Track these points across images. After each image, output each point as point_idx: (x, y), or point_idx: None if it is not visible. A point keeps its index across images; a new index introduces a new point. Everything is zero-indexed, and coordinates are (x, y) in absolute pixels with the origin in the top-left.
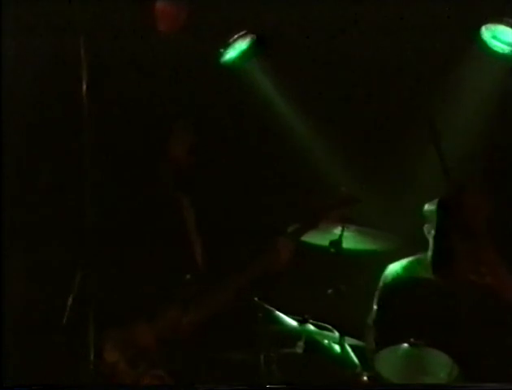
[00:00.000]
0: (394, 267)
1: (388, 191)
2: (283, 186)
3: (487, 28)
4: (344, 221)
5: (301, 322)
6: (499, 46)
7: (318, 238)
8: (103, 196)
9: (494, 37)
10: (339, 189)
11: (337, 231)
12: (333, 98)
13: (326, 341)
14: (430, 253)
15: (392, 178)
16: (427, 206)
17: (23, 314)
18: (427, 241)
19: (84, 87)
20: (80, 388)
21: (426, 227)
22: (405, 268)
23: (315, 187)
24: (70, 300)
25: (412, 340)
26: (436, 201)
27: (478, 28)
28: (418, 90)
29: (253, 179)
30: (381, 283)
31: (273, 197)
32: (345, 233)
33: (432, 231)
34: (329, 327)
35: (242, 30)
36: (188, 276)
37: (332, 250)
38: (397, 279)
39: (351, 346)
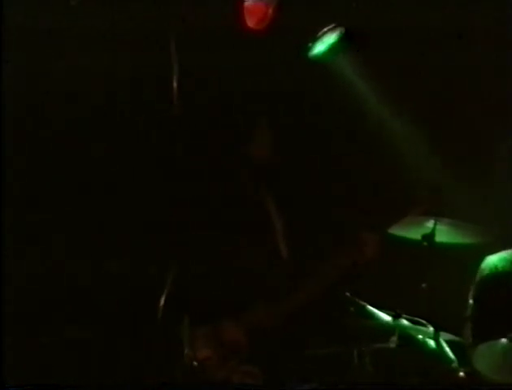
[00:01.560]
0: (492, 260)
1: (481, 183)
2: (369, 180)
3: None
4: (430, 214)
5: (395, 316)
6: None
7: (410, 232)
8: (190, 193)
9: None
10: (426, 183)
11: (430, 224)
12: (423, 93)
13: (420, 336)
14: None
15: (486, 170)
16: None
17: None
18: None
19: (175, 86)
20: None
21: None
22: (505, 261)
23: (402, 180)
24: (162, 298)
25: (511, 335)
26: None
27: None
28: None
29: (340, 173)
30: (478, 277)
31: (359, 191)
32: (438, 226)
33: None
34: (423, 321)
35: (331, 23)
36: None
37: (425, 244)
38: (495, 273)
39: (446, 341)
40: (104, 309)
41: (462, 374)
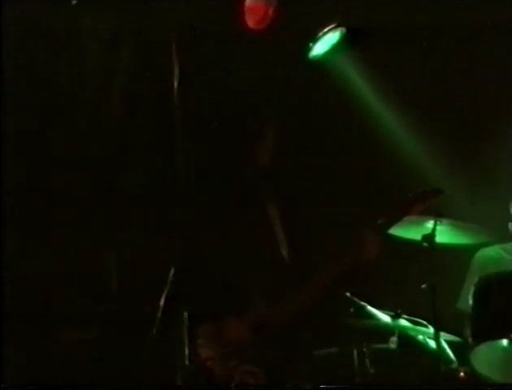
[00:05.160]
0: (484, 252)
1: (480, 184)
2: (370, 180)
3: None
4: (431, 213)
5: (395, 317)
6: None
7: (411, 232)
8: (193, 192)
9: None
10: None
11: (430, 224)
12: (425, 92)
13: (420, 336)
14: None
15: (485, 171)
16: None
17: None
18: None
19: (175, 85)
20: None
21: (511, 226)
22: (495, 255)
23: (403, 180)
24: (163, 298)
25: (511, 335)
26: None
27: None
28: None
29: (341, 174)
30: (473, 271)
31: (360, 191)
32: (438, 227)
33: None
34: (423, 322)
35: (332, 23)
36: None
37: (425, 244)
38: (492, 273)
39: (447, 341)
40: (102, 309)
41: (461, 374)
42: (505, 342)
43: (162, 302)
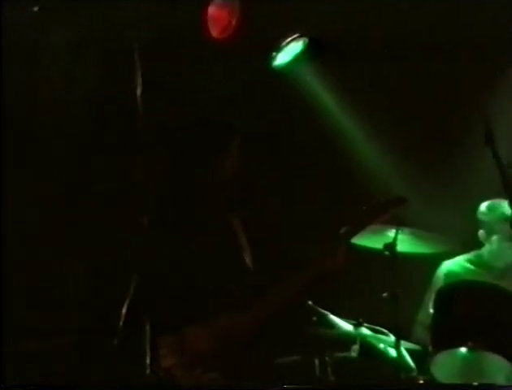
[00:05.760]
0: (448, 266)
1: (442, 193)
2: (334, 189)
3: None
4: (393, 222)
5: (356, 325)
6: None
7: (372, 241)
8: (157, 201)
9: None
10: (390, 192)
11: (391, 233)
12: (387, 101)
13: (381, 345)
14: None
15: (447, 180)
16: (482, 210)
17: (80, 319)
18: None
19: (138, 93)
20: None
21: (481, 233)
22: (461, 267)
23: (367, 189)
24: (125, 305)
25: (470, 343)
26: (488, 205)
27: None
28: (473, 90)
29: (305, 183)
30: (436, 285)
31: (324, 200)
32: (400, 236)
33: (494, 237)
34: (384, 330)
35: (295, 33)
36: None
37: (387, 253)
38: (453, 282)
39: (407, 350)
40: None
41: (421, 382)
42: (464, 350)
43: (124, 311)
